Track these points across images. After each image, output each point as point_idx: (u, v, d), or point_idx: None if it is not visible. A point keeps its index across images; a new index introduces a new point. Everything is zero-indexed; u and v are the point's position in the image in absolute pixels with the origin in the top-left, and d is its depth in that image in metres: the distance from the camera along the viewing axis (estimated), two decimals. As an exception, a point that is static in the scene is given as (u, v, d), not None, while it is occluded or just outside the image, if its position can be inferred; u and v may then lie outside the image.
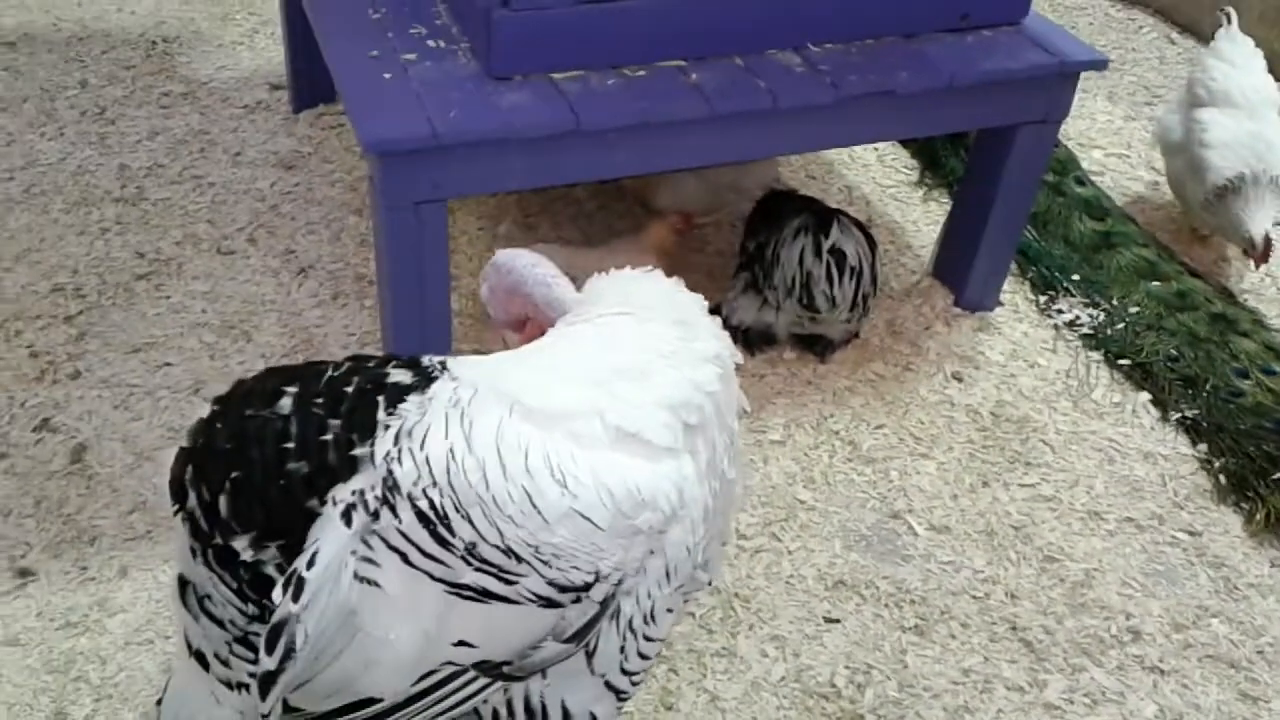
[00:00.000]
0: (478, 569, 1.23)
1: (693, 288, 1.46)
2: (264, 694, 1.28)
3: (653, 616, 1.33)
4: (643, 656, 1.36)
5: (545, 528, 1.22)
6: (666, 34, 2.15)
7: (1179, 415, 2.47)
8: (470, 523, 1.22)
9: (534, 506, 1.22)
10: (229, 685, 1.41)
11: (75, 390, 2.34)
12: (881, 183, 3.20)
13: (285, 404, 1.30)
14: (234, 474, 1.28)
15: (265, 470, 1.27)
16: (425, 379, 1.32)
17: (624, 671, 1.36)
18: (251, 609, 1.32)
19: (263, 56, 3.52)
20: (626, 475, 1.25)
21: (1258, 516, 2.23)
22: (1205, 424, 2.43)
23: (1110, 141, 3.48)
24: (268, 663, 1.26)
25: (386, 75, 2.07)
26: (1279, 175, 2.72)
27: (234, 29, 3.68)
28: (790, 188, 2.90)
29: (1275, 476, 2.26)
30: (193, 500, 1.30)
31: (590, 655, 1.34)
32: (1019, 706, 1.89)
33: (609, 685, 1.37)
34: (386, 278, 2.13)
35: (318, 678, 1.29)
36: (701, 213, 2.94)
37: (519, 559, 1.23)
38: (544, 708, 1.37)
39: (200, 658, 1.42)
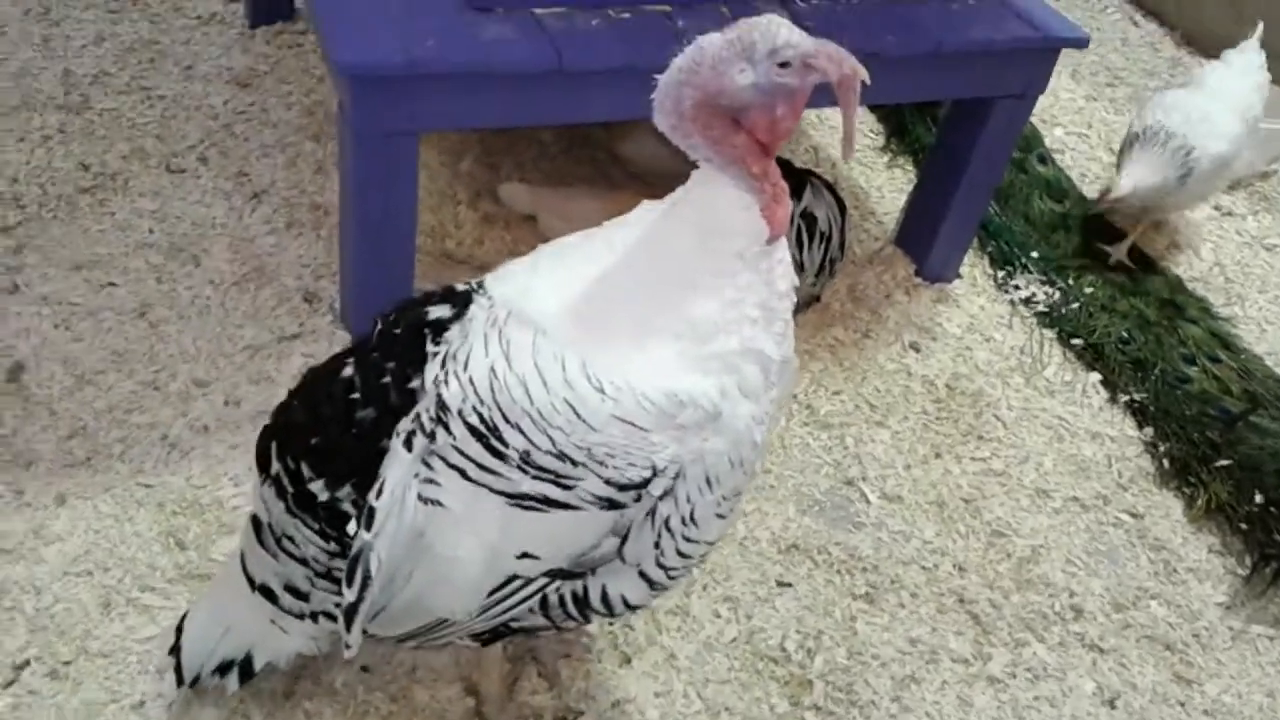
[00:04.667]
0: (535, 476, 1.26)
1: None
2: (348, 626, 1.35)
3: (693, 519, 1.33)
4: (683, 555, 1.36)
5: (593, 432, 1.25)
6: (654, -23, 2.09)
7: (1128, 397, 2.51)
8: (521, 432, 1.26)
9: (577, 415, 1.25)
10: (300, 616, 1.51)
11: (13, 305, 2.22)
12: (848, 146, 3.17)
13: (348, 368, 1.40)
14: (313, 440, 1.38)
15: (339, 424, 1.36)
16: (463, 305, 1.37)
17: (660, 565, 1.37)
18: (333, 545, 1.40)
19: (218, -35, 3.36)
20: (663, 383, 1.25)
21: (1199, 502, 2.28)
22: (1152, 408, 2.47)
23: (1072, 120, 3.50)
24: (349, 595, 1.33)
25: (362, -4, 1.98)
26: (1190, 147, 2.69)
27: (187, -67, 3.50)
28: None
29: (1217, 464, 2.31)
30: (276, 467, 1.41)
31: (621, 544, 1.34)
32: (963, 678, 1.92)
33: (643, 575, 1.38)
34: (350, 210, 2.05)
35: (393, 603, 1.37)
36: (661, 174, 2.88)
37: (574, 462, 1.26)
38: (586, 593, 1.39)
39: (266, 592, 1.50)
